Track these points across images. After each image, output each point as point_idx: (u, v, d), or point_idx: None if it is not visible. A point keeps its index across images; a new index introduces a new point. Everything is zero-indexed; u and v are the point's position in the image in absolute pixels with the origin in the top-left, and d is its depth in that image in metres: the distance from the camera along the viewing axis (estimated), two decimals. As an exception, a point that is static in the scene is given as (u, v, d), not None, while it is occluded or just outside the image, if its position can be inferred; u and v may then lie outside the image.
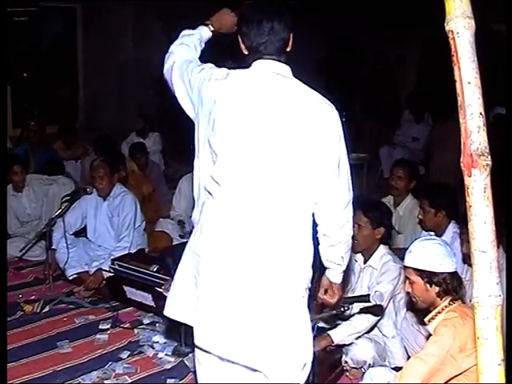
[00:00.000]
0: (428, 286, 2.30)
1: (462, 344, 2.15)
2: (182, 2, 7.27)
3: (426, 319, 2.36)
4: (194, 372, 2.32)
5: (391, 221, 3.55)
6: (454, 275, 2.29)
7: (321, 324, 3.20)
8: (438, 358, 2.17)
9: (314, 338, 2.81)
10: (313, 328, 2.78)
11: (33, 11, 6.64)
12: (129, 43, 8.01)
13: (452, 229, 3.59)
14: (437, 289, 2.29)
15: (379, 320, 3.20)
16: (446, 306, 2.28)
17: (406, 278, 2.40)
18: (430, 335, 2.34)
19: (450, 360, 2.17)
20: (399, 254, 3.67)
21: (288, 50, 2.06)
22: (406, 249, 2.50)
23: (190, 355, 3.21)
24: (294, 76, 2.02)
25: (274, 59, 2.02)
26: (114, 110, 8.11)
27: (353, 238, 3.31)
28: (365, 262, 3.38)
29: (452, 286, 2.27)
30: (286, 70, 2.02)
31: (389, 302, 3.20)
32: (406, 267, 2.38)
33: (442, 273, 2.26)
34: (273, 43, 2.01)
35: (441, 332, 2.22)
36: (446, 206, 3.59)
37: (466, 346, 2.14)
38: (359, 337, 3.18)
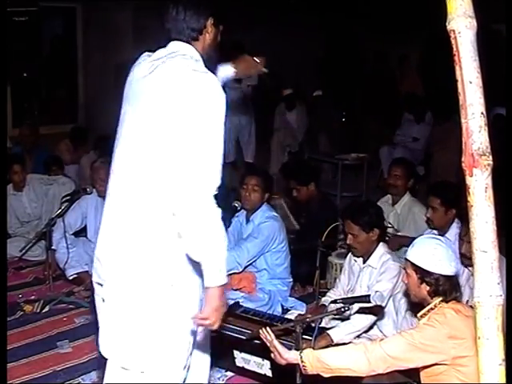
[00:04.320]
0: (420, 282, 2.30)
1: (451, 331, 2.16)
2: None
3: (418, 315, 2.37)
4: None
5: (383, 218, 3.57)
6: (450, 278, 2.27)
7: (321, 324, 3.20)
8: (422, 340, 2.16)
9: (315, 338, 2.83)
10: (313, 328, 2.80)
11: (33, 11, 6.63)
12: (129, 43, 7.99)
13: (456, 225, 3.64)
14: (428, 288, 2.29)
15: (379, 319, 3.20)
16: (438, 303, 2.28)
17: (404, 268, 2.42)
18: None
19: (433, 346, 2.17)
20: (405, 241, 3.70)
21: (207, 37, 1.99)
22: (411, 238, 2.50)
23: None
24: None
25: (183, 41, 1.99)
26: (113, 110, 8.09)
27: (351, 246, 3.34)
28: (364, 262, 3.38)
29: (443, 289, 2.26)
30: (188, 50, 1.97)
31: (388, 301, 3.20)
32: (406, 259, 2.39)
33: (436, 274, 2.25)
34: (178, 30, 1.97)
35: (431, 320, 2.24)
36: (457, 204, 3.60)
37: (456, 334, 2.14)
38: (359, 336, 3.18)
